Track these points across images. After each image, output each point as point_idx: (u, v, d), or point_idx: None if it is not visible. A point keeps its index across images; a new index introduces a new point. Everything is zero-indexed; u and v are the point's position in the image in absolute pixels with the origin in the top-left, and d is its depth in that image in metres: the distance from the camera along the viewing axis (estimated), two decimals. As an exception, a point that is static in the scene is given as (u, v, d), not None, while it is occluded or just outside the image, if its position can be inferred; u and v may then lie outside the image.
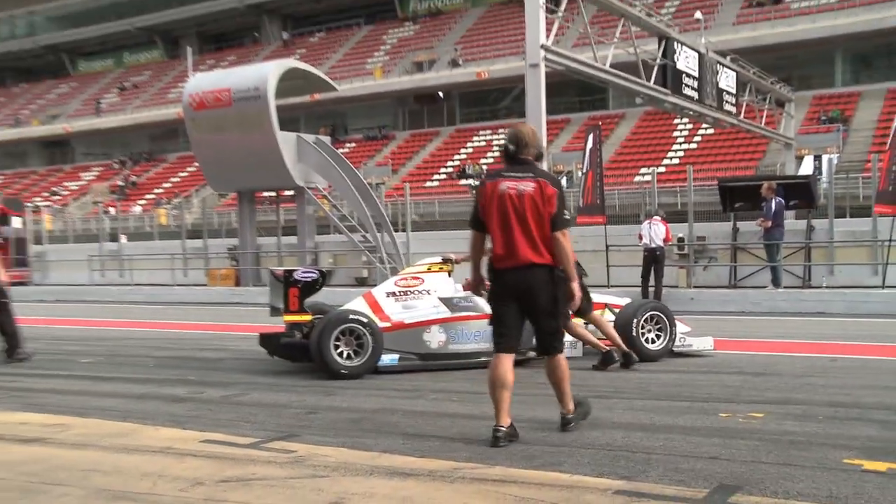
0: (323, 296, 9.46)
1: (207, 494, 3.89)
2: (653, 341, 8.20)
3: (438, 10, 44.13)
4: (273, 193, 22.88)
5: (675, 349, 8.34)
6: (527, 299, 4.87)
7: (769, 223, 14.99)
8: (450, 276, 8.47)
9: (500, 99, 37.80)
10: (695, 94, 18.09)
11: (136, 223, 34.65)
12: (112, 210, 32.41)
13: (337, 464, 4.41)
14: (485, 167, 33.49)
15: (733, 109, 20.38)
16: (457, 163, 35.02)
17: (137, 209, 37.20)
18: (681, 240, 16.92)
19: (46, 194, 43.68)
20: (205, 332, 12.78)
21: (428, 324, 7.89)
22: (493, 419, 4.94)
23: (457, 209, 29.37)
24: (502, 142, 5.19)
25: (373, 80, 39.00)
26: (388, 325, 7.81)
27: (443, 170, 35.02)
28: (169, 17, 48.54)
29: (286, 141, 19.40)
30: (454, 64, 37.65)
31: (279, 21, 47.98)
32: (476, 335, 7.99)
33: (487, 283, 5.16)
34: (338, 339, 7.34)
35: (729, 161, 29.34)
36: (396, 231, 20.39)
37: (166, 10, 48.26)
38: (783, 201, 15.18)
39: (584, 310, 7.70)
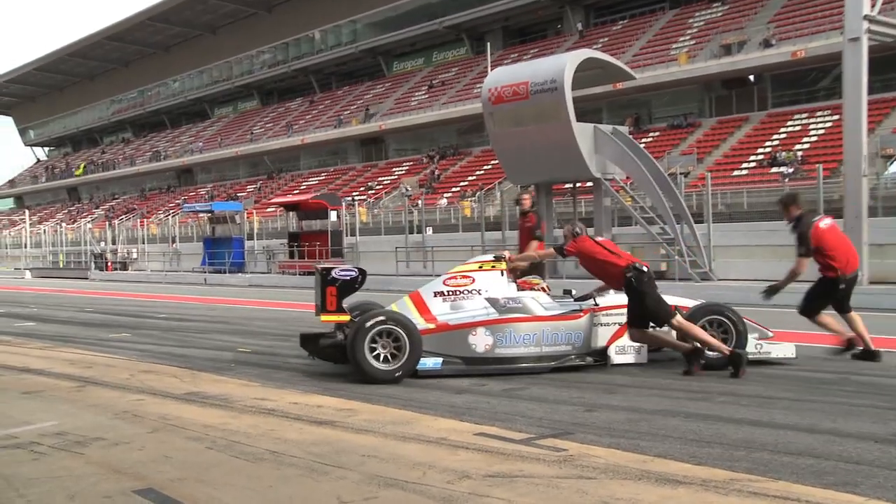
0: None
1: (472, 488, 3.96)
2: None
3: (750, -13, 41.93)
4: (570, 185, 22.93)
5: (749, 356, 7.42)
6: None
7: None
8: (503, 274, 7.99)
9: (818, 79, 35.12)
10: None
11: (442, 216, 36.35)
12: (419, 203, 34.27)
13: (606, 465, 4.32)
14: (799, 154, 31.34)
15: None
16: (768, 150, 33.00)
17: (443, 202, 39.02)
18: None
19: (363, 189, 47.13)
20: (497, 323, 13.06)
21: (473, 325, 7.51)
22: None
23: (766, 199, 27.75)
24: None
25: (677, 66, 37.79)
26: (431, 326, 7.50)
27: (752, 158, 33.17)
28: (475, 14, 50.23)
29: (583, 132, 19.34)
30: (766, 44, 35.49)
31: (581, 11, 48.02)
32: (525, 339, 7.53)
33: None
34: (374, 340, 7.07)
35: None
36: (699, 223, 19.66)
37: (473, 8, 50.07)
38: None
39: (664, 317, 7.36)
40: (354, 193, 45.45)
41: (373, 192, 45.80)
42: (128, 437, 5.21)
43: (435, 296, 7.88)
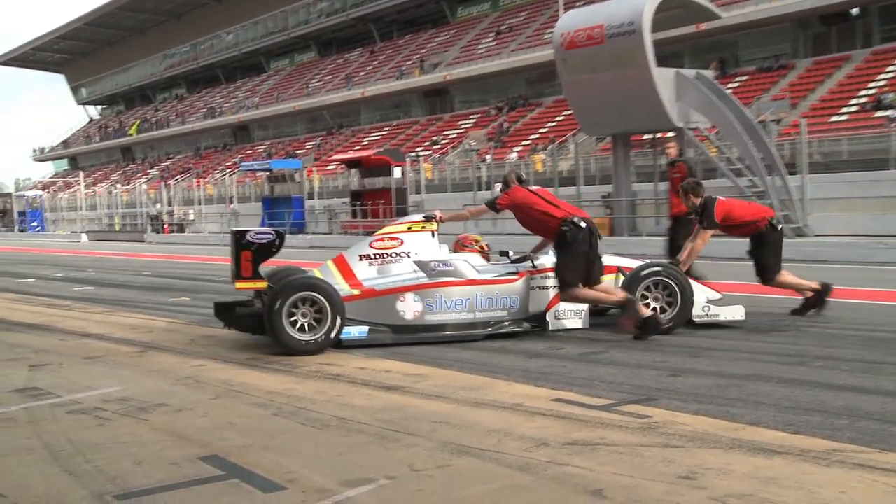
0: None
1: (550, 456, 3.98)
2: (661, 311, 7.50)
3: None
4: (650, 136, 22.64)
5: (695, 319, 7.55)
6: None
7: None
8: (434, 235, 7.85)
9: (936, 6, 33.78)
10: None
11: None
12: (488, 158, 34.11)
13: (693, 433, 4.30)
14: (906, 95, 30.31)
15: None
16: (872, 92, 31.99)
17: (513, 156, 38.84)
18: None
19: (427, 144, 47.15)
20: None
21: (401, 291, 7.40)
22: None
23: (869, 146, 27.00)
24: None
25: (768, 2, 36.79)
26: (357, 292, 7.38)
27: (853, 101, 32.18)
28: (548, -50, 49.62)
29: (663, 78, 19.04)
30: (872, -28, 34.29)
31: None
32: (457, 304, 7.44)
33: None
34: (294, 308, 6.87)
35: None
36: (793, 174, 19.26)
37: (545, -56, 49.33)
38: None
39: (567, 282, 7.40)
40: (419, 148, 45.51)
41: (438, 146, 45.78)
42: (191, 403, 5.36)
43: (360, 259, 7.80)
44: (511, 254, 8.33)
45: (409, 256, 7.74)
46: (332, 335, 6.98)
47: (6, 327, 9.34)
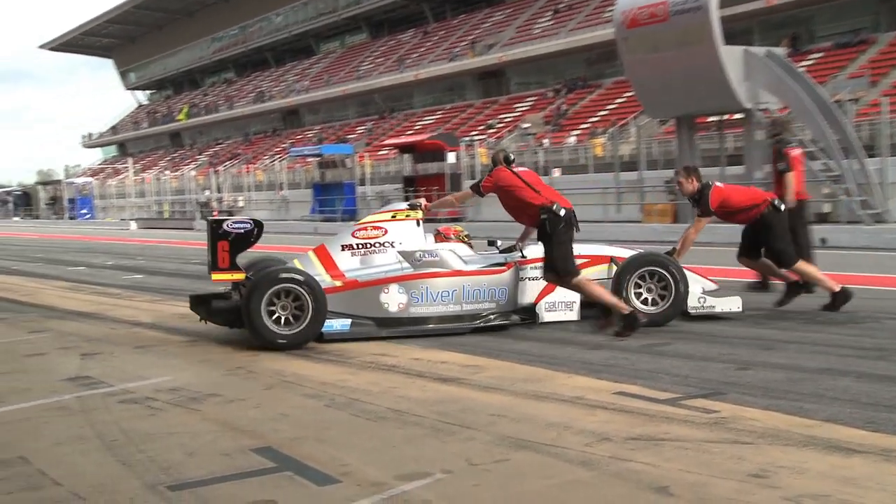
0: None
1: (612, 452, 3.96)
2: (655, 302, 7.40)
3: None
4: (716, 118, 22.33)
5: (690, 311, 7.47)
6: None
7: None
8: (419, 224, 7.74)
9: None
10: None
11: (571, 155, 35.99)
12: (545, 142, 33.92)
13: (764, 429, 4.25)
14: None
15: None
16: (961, 66, 31.23)
17: (572, 140, 38.61)
18: None
19: (482, 128, 47.07)
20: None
21: (385, 282, 7.34)
22: None
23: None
24: None
25: (845, -29, 36.07)
26: (339, 284, 7.32)
27: (940, 76, 31.47)
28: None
29: (731, 56, 18.75)
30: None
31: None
32: (443, 296, 7.37)
33: None
34: (273, 301, 6.80)
35: None
36: (872, 157, 18.88)
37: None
38: None
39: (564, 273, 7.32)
40: (473, 133, 45.41)
41: (493, 130, 45.65)
42: (243, 393, 5.44)
43: (343, 249, 7.73)
44: (499, 243, 8.30)
45: (393, 246, 7.70)
46: (314, 329, 6.95)
47: (58, 315, 9.57)
